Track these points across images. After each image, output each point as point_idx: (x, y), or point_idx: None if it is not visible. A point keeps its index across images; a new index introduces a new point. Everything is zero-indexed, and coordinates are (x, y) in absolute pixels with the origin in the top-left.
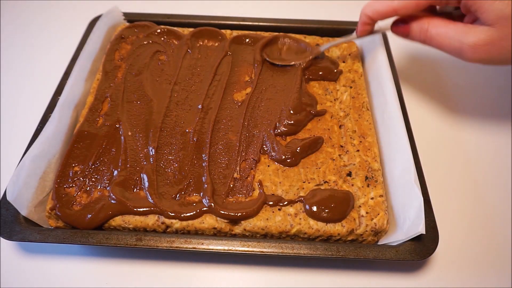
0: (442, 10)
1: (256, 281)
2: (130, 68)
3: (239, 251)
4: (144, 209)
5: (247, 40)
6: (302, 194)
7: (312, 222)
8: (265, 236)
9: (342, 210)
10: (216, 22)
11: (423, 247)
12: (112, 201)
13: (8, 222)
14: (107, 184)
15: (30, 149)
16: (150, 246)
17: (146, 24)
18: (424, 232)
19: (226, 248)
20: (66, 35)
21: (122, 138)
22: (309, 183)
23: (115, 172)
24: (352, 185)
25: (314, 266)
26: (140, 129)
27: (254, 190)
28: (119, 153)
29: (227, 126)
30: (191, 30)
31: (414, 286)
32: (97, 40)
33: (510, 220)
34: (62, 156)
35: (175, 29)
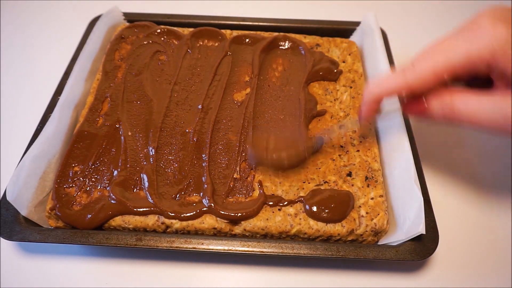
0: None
1: (256, 281)
2: (130, 68)
3: (239, 251)
4: (144, 209)
5: (247, 40)
6: (302, 194)
7: (312, 222)
8: (265, 236)
9: (342, 210)
10: (216, 22)
11: (423, 247)
12: (112, 201)
13: (8, 222)
14: (107, 184)
15: (30, 149)
16: (150, 246)
17: (146, 24)
18: (424, 232)
19: (226, 248)
20: (66, 35)
21: (122, 138)
22: (309, 183)
23: (115, 172)
24: (352, 185)
25: (314, 266)
26: (140, 129)
27: (254, 190)
28: (119, 153)
29: (227, 126)
30: (191, 30)
31: (414, 286)
32: (97, 40)
33: (510, 220)
34: (62, 156)
35: (175, 29)
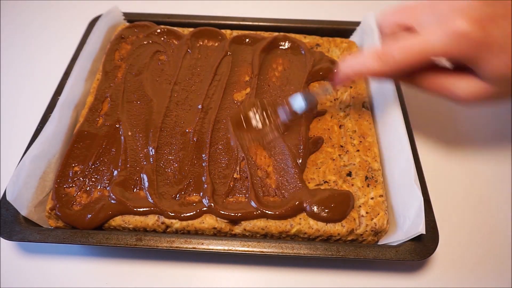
0: None
1: (256, 281)
2: (130, 68)
3: (239, 251)
4: (144, 209)
5: (247, 40)
6: None
7: (312, 222)
8: (265, 236)
9: (342, 210)
10: (216, 22)
11: (423, 247)
12: (112, 201)
13: (8, 222)
14: (107, 184)
15: (30, 149)
16: (150, 246)
17: (146, 24)
18: (424, 232)
19: (226, 248)
20: (66, 35)
21: (122, 138)
22: (309, 183)
23: (115, 172)
24: (352, 185)
25: (314, 266)
26: (140, 129)
27: None
28: (119, 153)
29: (227, 126)
30: (191, 30)
31: (414, 286)
32: (97, 40)
33: (510, 220)
34: (62, 156)
35: (175, 29)
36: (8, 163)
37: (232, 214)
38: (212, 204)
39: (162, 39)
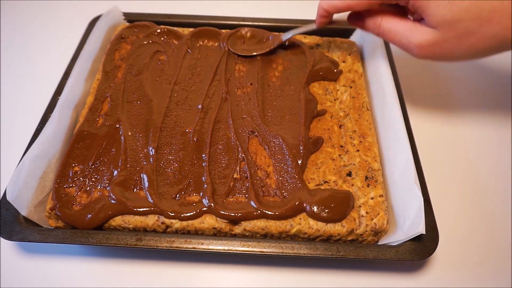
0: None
1: (256, 281)
2: (130, 68)
3: (239, 251)
4: (144, 209)
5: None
6: None
7: (312, 222)
8: (265, 236)
9: (342, 210)
10: (216, 22)
11: (423, 247)
12: (112, 201)
13: (8, 222)
14: (107, 184)
15: (30, 149)
16: (150, 246)
17: (146, 24)
18: (424, 232)
19: (226, 248)
20: (66, 35)
21: (122, 138)
22: (309, 183)
23: (115, 172)
24: (352, 185)
25: (314, 266)
26: (140, 129)
27: None
28: (119, 153)
29: (227, 126)
30: (191, 30)
31: (414, 286)
32: (97, 40)
33: (510, 220)
34: (62, 156)
35: (175, 29)
36: (8, 163)
37: (232, 214)
38: (212, 204)
39: (162, 39)
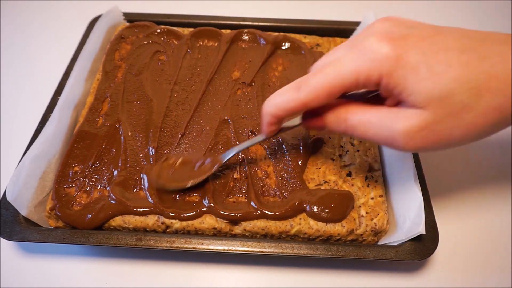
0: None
1: (256, 281)
2: (130, 68)
3: (239, 251)
4: (144, 209)
5: (247, 37)
6: None
7: (312, 222)
8: (265, 236)
9: (342, 210)
10: (216, 22)
11: (423, 247)
12: (112, 201)
13: (8, 222)
14: (107, 184)
15: (30, 149)
16: (150, 246)
17: (146, 24)
18: (424, 232)
19: (226, 248)
20: (66, 35)
21: (122, 138)
22: (309, 183)
23: (115, 172)
24: (352, 185)
25: (314, 266)
26: (140, 129)
27: None
28: (119, 153)
29: (227, 126)
30: (191, 30)
31: (414, 286)
32: (97, 40)
33: (510, 220)
34: (62, 156)
35: (175, 29)
36: (8, 163)
37: (232, 215)
38: (212, 204)
39: (162, 39)
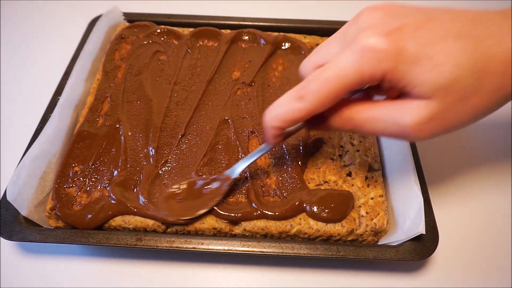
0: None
1: (256, 281)
2: (130, 68)
3: (239, 251)
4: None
5: (246, 37)
6: None
7: (312, 222)
8: (265, 236)
9: (342, 210)
10: (216, 22)
11: (423, 247)
12: (112, 201)
13: (8, 222)
14: (107, 184)
15: (30, 149)
16: (150, 246)
17: (146, 24)
18: (424, 232)
19: (226, 248)
20: (66, 35)
21: (122, 138)
22: (309, 183)
23: (115, 172)
24: (352, 185)
25: (314, 266)
26: (140, 129)
27: None
28: (119, 153)
29: (227, 126)
30: (191, 30)
31: (414, 286)
32: (97, 40)
33: (510, 220)
34: (62, 156)
35: (175, 29)
36: (8, 163)
37: (232, 215)
38: None
39: (162, 39)
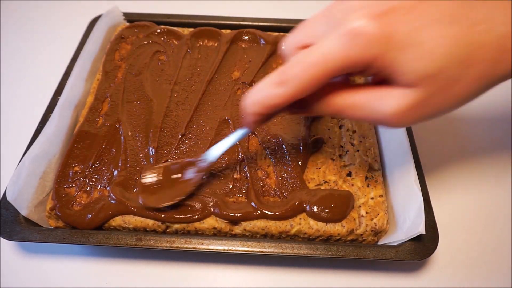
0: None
1: (256, 281)
2: (130, 68)
3: (239, 251)
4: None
5: (246, 37)
6: None
7: (312, 222)
8: (265, 236)
9: (342, 210)
10: (216, 22)
11: (423, 247)
12: (112, 201)
13: (8, 222)
14: (107, 184)
15: (30, 149)
16: (150, 246)
17: (146, 24)
18: (424, 232)
19: (226, 248)
20: (66, 35)
21: (122, 138)
22: (309, 183)
23: (115, 172)
24: (352, 185)
25: (314, 266)
26: (140, 129)
27: None
28: (119, 153)
29: (228, 125)
30: (191, 30)
31: (414, 286)
32: (97, 40)
33: (510, 220)
34: (62, 156)
35: (175, 29)
36: (8, 163)
37: (232, 215)
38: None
39: (162, 39)
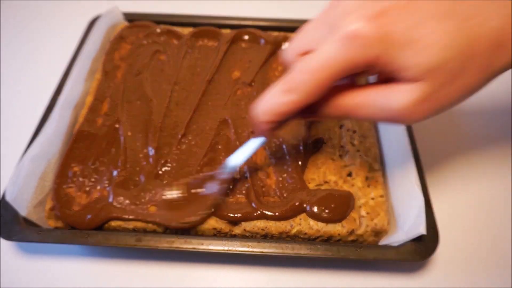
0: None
1: (256, 281)
2: (130, 68)
3: (239, 251)
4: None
5: (246, 37)
6: None
7: (312, 223)
8: (265, 236)
9: (343, 211)
10: (216, 22)
11: (423, 247)
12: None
13: (8, 222)
14: (107, 184)
15: (30, 149)
16: (150, 246)
17: (146, 24)
18: (425, 232)
19: (226, 248)
20: (66, 35)
21: (121, 138)
22: (309, 183)
23: (115, 173)
24: (353, 185)
25: (314, 266)
26: (140, 129)
27: None
28: (118, 153)
29: (227, 125)
30: (191, 30)
31: (415, 286)
32: (97, 40)
33: (510, 220)
34: (62, 156)
35: (175, 29)
36: (8, 163)
37: (232, 215)
38: None
39: (162, 39)
